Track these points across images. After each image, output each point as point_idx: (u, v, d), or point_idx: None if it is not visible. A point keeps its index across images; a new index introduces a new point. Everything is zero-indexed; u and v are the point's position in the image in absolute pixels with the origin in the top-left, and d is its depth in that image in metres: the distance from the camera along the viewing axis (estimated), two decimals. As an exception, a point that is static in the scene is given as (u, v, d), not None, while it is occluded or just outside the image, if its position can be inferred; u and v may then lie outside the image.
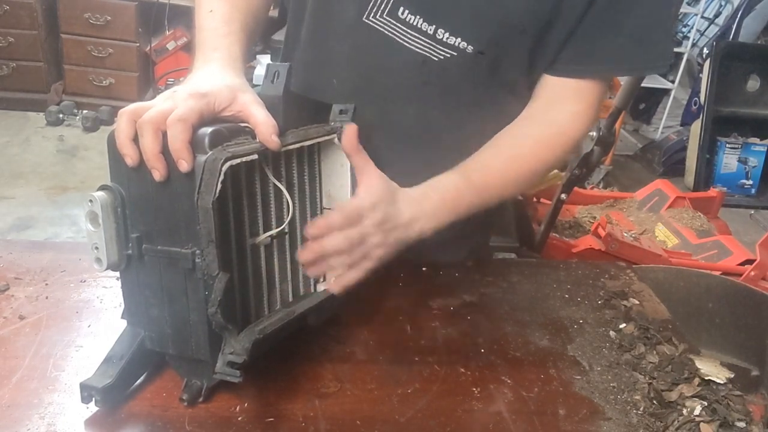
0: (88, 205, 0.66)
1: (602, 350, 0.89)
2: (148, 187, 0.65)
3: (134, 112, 0.65)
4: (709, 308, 1.16)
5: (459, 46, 0.85)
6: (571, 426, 0.75)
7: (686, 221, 2.28)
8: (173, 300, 0.67)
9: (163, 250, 0.66)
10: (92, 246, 0.67)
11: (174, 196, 0.64)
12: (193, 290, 0.66)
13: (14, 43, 3.77)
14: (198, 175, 0.62)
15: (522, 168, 0.91)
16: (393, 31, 0.86)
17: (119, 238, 0.68)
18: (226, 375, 0.67)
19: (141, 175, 0.65)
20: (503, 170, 0.90)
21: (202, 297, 0.65)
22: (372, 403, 0.75)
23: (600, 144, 1.87)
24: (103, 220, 0.66)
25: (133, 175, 0.66)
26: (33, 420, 0.68)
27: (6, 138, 3.60)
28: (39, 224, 2.90)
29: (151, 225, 0.67)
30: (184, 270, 0.65)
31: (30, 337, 0.80)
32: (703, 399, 0.80)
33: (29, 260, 0.94)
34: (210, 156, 0.63)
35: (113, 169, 0.67)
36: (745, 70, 4.02)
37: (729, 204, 3.21)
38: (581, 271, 1.09)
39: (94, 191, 0.67)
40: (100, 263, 0.68)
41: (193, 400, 0.71)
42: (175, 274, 0.66)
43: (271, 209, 0.75)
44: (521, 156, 0.91)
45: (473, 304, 0.96)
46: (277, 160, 0.75)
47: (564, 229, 2.30)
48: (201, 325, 0.66)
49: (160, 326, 0.69)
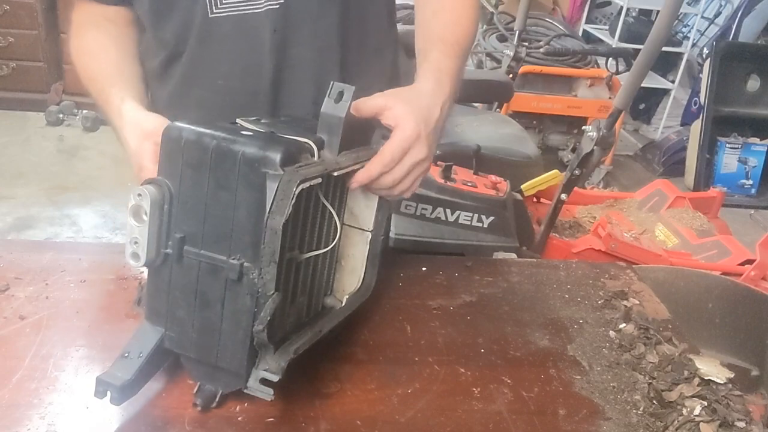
0: (135, 198, 0.65)
1: (602, 350, 0.89)
2: (203, 189, 0.65)
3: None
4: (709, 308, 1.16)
5: None
6: (571, 426, 0.75)
7: (686, 221, 2.28)
8: (205, 305, 0.67)
9: (206, 255, 0.66)
10: (131, 240, 0.66)
11: (230, 205, 0.64)
12: (231, 300, 0.65)
13: (14, 43, 3.76)
14: (270, 196, 0.62)
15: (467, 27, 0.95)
16: (237, 8, 0.89)
17: (160, 235, 0.67)
18: (258, 391, 0.67)
19: (198, 176, 0.65)
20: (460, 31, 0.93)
21: (242, 309, 0.65)
22: (372, 403, 0.75)
23: (600, 144, 1.87)
24: (149, 215, 0.65)
25: (188, 174, 0.65)
26: (33, 420, 0.68)
27: (6, 138, 3.60)
28: (39, 224, 2.89)
29: (197, 228, 0.66)
30: (226, 279, 0.65)
31: (30, 337, 0.80)
32: (703, 399, 0.80)
33: (29, 260, 0.94)
34: (285, 177, 0.62)
35: (166, 164, 0.66)
36: (745, 70, 4.02)
37: (729, 204, 3.21)
38: (581, 271, 1.09)
39: (141, 185, 0.66)
40: (137, 258, 0.66)
41: (207, 405, 0.71)
42: (213, 281, 0.66)
43: (316, 228, 0.75)
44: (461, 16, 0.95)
45: (473, 304, 0.96)
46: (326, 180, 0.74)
47: (564, 229, 2.30)
48: (234, 336, 0.66)
49: (184, 328, 0.69)
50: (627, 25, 4.32)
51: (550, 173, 2.20)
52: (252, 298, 0.64)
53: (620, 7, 4.31)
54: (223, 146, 0.64)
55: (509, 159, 2.32)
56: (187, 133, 0.65)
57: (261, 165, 0.63)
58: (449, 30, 0.93)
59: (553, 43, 3.59)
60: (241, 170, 0.64)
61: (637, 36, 4.07)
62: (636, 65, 1.84)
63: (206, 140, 0.65)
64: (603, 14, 5.21)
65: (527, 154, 2.38)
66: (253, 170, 0.63)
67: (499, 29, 3.75)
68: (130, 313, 0.86)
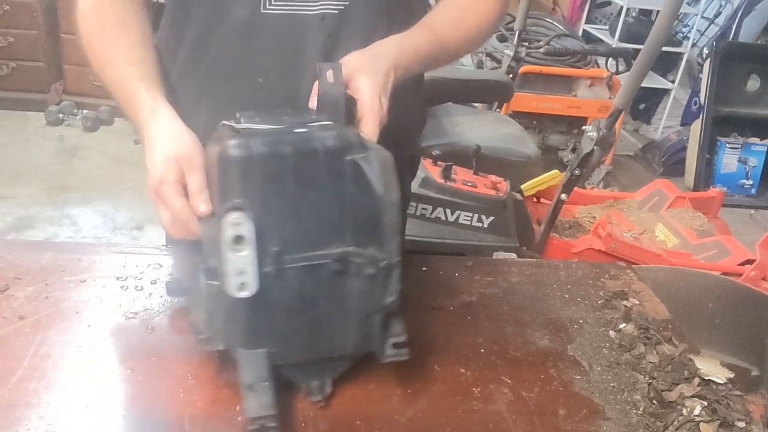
0: (233, 228, 0.62)
1: (602, 350, 0.89)
2: (288, 196, 0.65)
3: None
4: (709, 308, 1.16)
5: None
6: (571, 426, 0.75)
7: (686, 221, 2.28)
8: (311, 307, 0.68)
9: (304, 258, 0.66)
10: (236, 272, 0.63)
11: (318, 202, 0.66)
12: (336, 291, 0.68)
13: (14, 43, 3.76)
14: (373, 177, 0.66)
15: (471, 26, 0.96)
16: (291, 8, 0.87)
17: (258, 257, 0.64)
18: (396, 356, 0.71)
19: (279, 185, 0.65)
20: (459, 27, 0.95)
21: (353, 294, 0.68)
22: (372, 403, 0.75)
23: (600, 144, 1.87)
24: (251, 246, 0.63)
25: (268, 189, 0.65)
26: (32, 420, 0.68)
27: (6, 138, 3.60)
28: (39, 224, 2.89)
29: (289, 235, 0.66)
30: (329, 273, 0.66)
31: (30, 337, 0.80)
32: (703, 399, 0.80)
33: (29, 260, 0.94)
34: (387, 155, 0.66)
35: (246, 185, 0.65)
36: (745, 70, 4.02)
37: (729, 204, 3.21)
38: (581, 271, 1.09)
39: (226, 213, 0.63)
40: (245, 288, 0.63)
41: (327, 397, 0.73)
42: (315, 280, 0.67)
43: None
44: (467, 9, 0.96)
45: (473, 304, 0.96)
46: None
47: (564, 229, 2.30)
48: (346, 322, 0.69)
49: (290, 339, 0.69)
50: (627, 25, 4.32)
51: (550, 173, 2.20)
52: (367, 279, 0.67)
53: (620, 7, 4.31)
54: (302, 147, 0.65)
55: (509, 159, 2.32)
56: (255, 146, 0.64)
57: (344, 153, 0.66)
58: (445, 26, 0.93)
59: (553, 43, 3.59)
60: (325, 165, 0.65)
61: (637, 36, 4.07)
62: (636, 65, 1.84)
63: (281, 148, 0.65)
64: (603, 14, 5.21)
65: (527, 154, 2.38)
66: (338, 160, 0.66)
67: (499, 29, 3.75)
68: (129, 313, 0.86)
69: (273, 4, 0.87)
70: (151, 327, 0.83)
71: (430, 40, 0.90)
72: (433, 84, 2.29)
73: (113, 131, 3.74)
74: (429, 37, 0.90)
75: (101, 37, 0.86)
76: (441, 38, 0.91)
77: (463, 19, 0.96)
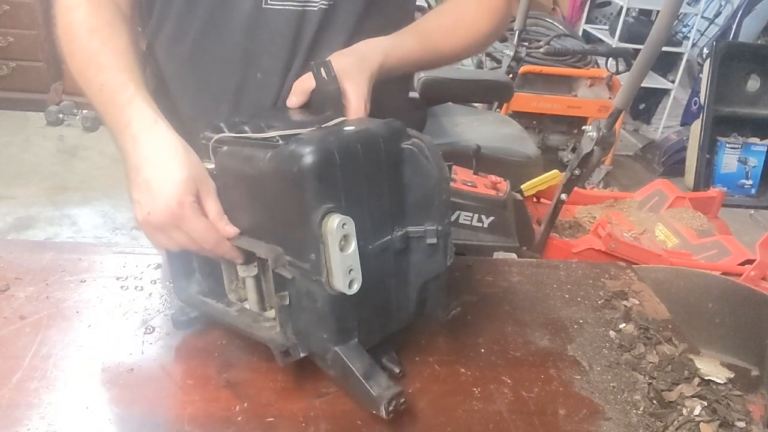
0: (341, 229, 0.65)
1: (602, 350, 0.89)
2: (362, 190, 0.69)
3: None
4: (709, 308, 1.16)
5: None
6: (571, 426, 0.75)
7: (686, 221, 2.28)
8: (382, 289, 0.73)
9: (377, 245, 0.71)
10: (345, 270, 0.66)
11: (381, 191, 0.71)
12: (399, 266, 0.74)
13: (14, 43, 3.76)
14: (432, 157, 0.71)
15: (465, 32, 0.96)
16: (292, 2, 0.87)
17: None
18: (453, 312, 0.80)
19: (354, 182, 0.68)
20: (451, 33, 0.95)
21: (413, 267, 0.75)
22: (372, 403, 0.75)
23: (600, 144, 1.87)
24: (353, 239, 0.66)
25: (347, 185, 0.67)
26: (33, 420, 0.68)
27: (6, 138, 3.60)
28: (39, 224, 2.89)
29: (363, 227, 0.69)
30: (394, 251, 0.73)
31: (30, 337, 0.80)
32: (703, 399, 0.80)
33: (29, 260, 0.94)
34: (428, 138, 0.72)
35: (329, 188, 0.66)
36: (745, 70, 4.02)
37: (729, 204, 3.21)
38: (581, 271, 1.09)
39: (327, 216, 0.65)
40: (356, 282, 0.67)
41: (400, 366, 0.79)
42: (383, 262, 0.72)
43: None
44: (460, 21, 0.96)
45: (473, 304, 0.96)
46: None
47: (564, 229, 2.30)
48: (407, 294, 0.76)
49: (369, 322, 0.73)
50: (627, 25, 4.32)
51: (550, 173, 2.20)
52: (427, 249, 0.74)
53: (620, 7, 4.31)
54: (366, 138, 0.69)
55: (509, 159, 2.32)
56: (332, 146, 0.66)
57: (398, 141, 0.71)
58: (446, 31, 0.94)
59: (553, 43, 3.59)
60: (384, 155, 0.70)
61: (637, 36, 4.07)
62: (636, 65, 1.84)
63: (348, 142, 0.68)
64: (603, 14, 5.21)
65: (527, 154, 2.38)
66: (393, 149, 0.71)
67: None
68: (129, 313, 0.86)
69: (272, 2, 0.86)
70: (151, 327, 0.83)
71: (421, 45, 0.89)
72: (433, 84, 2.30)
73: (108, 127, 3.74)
74: (420, 41, 0.90)
75: (89, 36, 0.80)
76: (433, 44, 0.91)
77: (457, 29, 0.95)
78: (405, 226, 0.74)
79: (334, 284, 0.66)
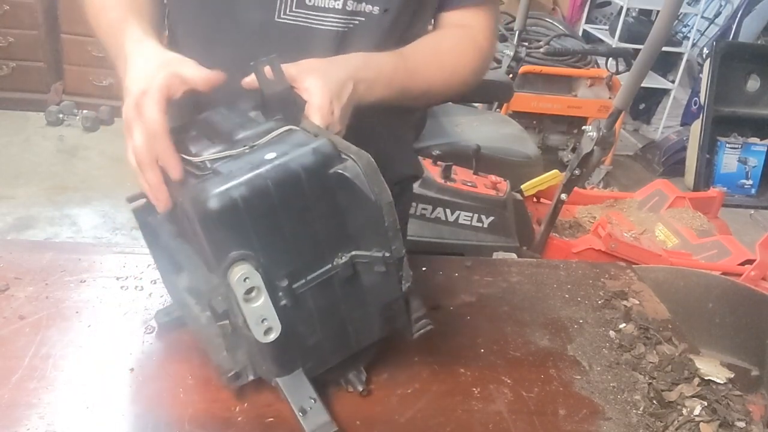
0: (242, 284, 0.61)
1: (602, 350, 0.89)
2: (283, 228, 0.63)
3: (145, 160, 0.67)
4: (709, 308, 1.16)
5: (366, 11, 0.87)
6: (571, 426, 0.75)
7: (686, 221, 2.28)
8: (330, 315, 0.69)
9: (313, 278, 0.66)
10: (257, 320, 0.63)
11: (313, 221, 0.64)
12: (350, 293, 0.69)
13: (14, 43, 3.76)
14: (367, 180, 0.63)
15: (445, 62, 0.94)
16: (305, 20, 0.86)
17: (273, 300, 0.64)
18: (422, 329, 0.73)
19: (271, 223, 0.63)
20: (431, 61, 0.92)
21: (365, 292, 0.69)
22: (372, 403, 0.75)
23: (600, 144, 1.87)
24: (264, 292, 0.63)
25: (261, 228, 0.63)
26: (32, 420, 0.68)
27: (6, 138, 3.60)
28: (39, 224, 2.89)
29: (293, 263, 0.65)
30: (341, 279, 0.67)
31: (30, 337, 0.80)
32: (703, 399, 0.80)
33: (29, 260, 0.94)
34: (366, 157, 0.64)
35: (236, 235, 0.62)
36: (745, 70, 4.02)
37: (729, 204, 3.21)
38: (581, 271, 1.09)
39: (231, 267, 0.62)
40: (272, 331, 0.64)
41: (366, 383, 0.76)
42: (328, 292, 0.67)
43: None
44: (442, 51, 0.94)
45: (473, 304, 0.96)
46: None
47: (564, 229, 2.30)
48: (367, 316, 0.71)
49: (320, 348, 0.70)
50: (627, 25, 4.32)
51: (550, 173, 2.21)
52: (379, 275, 0.68)
53: (620, 7, 4.31)
54: (282, 177, 0.62)
55: (509, 159, 2.32)
56: (235, 192, 0.61)
57: (326, 168, 0.63)
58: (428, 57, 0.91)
59: (553, 43, 3.59)
60: (309, 186, 0.63)
61: (637, 36, 4.07)
62: (636, 65, 1.84)
63: (261, 184, 0.61)
64: (603, 14, 5.21)
65: (527, 154, 2.38)
66: (321, 177, 0.63)
67: (500, 29, 3.75)
68: (129, 313, 0.86)
69: (288, 14, 0.86)
70: (151, 327, 0.83)
71: (398, 65, 0.87)
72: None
73: (113, 131, 3.74)
74: (398, 61, 0.87)
75: None
76: (412, 67, 0.88)
77: (438, 58, 0.93)
78: (351, 251, 0.67)
79: (249, 332, 0.64)
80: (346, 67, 0.80)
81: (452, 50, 0.95)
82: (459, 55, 0.95)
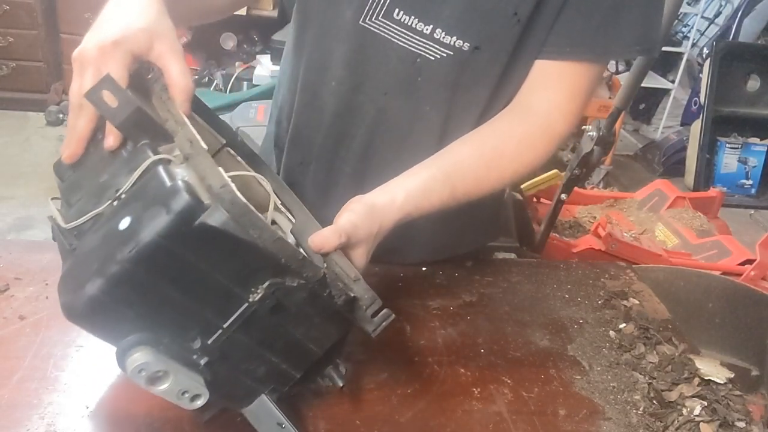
0: (139, 375, 0.56)
1: (602, 350, 0.89)
2: (171, 295, 0.56)
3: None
4: (709, 308, 1.16)
5: (455, 45, 0.84)
6: (571, 426, 0.75)
7: (686, 221, 2.28)
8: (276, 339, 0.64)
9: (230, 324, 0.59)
10: (179, 393, 0.58)
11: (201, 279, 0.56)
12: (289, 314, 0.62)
13: (14, 43, 3.76)
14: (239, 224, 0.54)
15: (504, 170, 0.85)
16: (388, 32, 0.86)
17: (188, 365, 0.59)
18: (383, 323, 0.66)
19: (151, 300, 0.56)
20: (484, 172, 0.84)
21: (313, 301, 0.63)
22: (372, 403, 0.75)
23: (600, 144, 1.87)
24: (171, 369, 0.58)
25: (143, 309, 0.56)
26: (33, 420, 0.68)
27: (6, 138, 3.60)
28: (39, 224, 2.89)
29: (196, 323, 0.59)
30: (267, 310, 0.60)
31: (30, 337, 0.80)
32: (703, 399, 0.80)
33: (29, 260, 0.94)
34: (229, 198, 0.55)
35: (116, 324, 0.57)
36: (745, 70, 4.02)
37: (729, 204, 3.21)
38: (581, 271, 1.09)
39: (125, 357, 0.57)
40: (200, 397, 0.60)
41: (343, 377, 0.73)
42: (258, 324, 0.61)
43: None
44: (504, 157, 0.85)
45: (473, 304, 0.96)
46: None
47: (564, 229, 2.30)
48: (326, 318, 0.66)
49: (278, 370, 0.67)
50: (627, 25, 4.31)
51: (550, 173, 2.20)
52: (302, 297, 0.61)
53: (620, 7, 4.31)
54: (140, 255, 0.53)
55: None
56: (92, 288, 0.55)
57: (188, 224, 0.53)
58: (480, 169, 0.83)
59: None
60: (177, 248, 0.54)
61: (637, 36, 4.06)
62: (636, 65, 1.84)
63: (116, 270, 0.54)
64: (603, 14, 5.20)
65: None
66: (186, 235, 0.54)
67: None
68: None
69: (373, 20, 0.85)
70: (152, 327, 0.83)
71: (449, 193, 0.80)
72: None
73: None
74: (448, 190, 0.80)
75: None
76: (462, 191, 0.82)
77: (497, 165, 0.84)
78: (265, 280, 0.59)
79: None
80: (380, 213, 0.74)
81: (517, 152, 0.85)
82: (524, 157, 0.86)
